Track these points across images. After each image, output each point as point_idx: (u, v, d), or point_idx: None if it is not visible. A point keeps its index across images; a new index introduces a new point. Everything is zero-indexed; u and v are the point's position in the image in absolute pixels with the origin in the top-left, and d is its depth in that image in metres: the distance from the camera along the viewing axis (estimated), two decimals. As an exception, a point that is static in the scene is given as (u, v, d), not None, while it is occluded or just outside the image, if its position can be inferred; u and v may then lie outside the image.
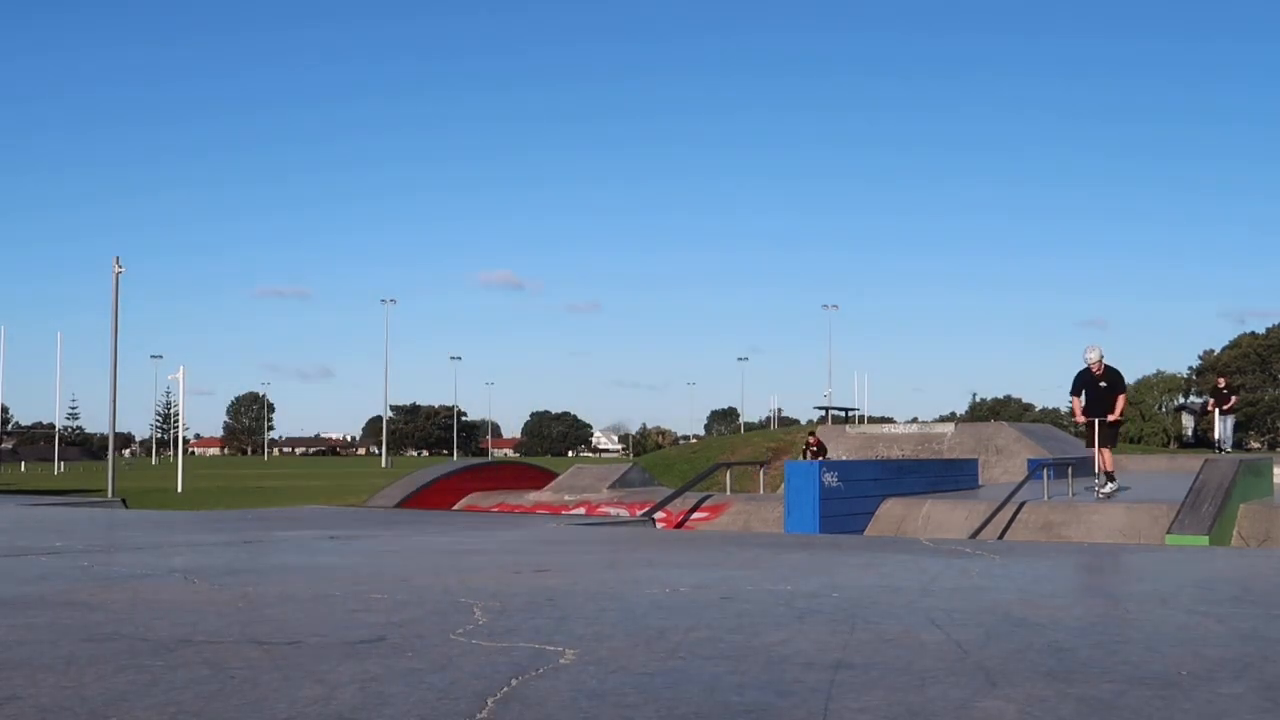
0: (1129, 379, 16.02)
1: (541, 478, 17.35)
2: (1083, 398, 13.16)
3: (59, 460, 68.67)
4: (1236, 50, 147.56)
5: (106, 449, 19.31)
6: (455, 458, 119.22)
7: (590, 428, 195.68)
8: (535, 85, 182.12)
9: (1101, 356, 13.37)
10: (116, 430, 19.39)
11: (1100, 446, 12.90)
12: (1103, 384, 13.04)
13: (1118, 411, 13.03)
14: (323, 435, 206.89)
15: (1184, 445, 24.90)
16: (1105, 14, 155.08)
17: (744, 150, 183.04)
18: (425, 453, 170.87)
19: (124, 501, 13.98)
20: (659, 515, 12.35)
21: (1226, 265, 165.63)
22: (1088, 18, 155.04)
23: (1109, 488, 12.54)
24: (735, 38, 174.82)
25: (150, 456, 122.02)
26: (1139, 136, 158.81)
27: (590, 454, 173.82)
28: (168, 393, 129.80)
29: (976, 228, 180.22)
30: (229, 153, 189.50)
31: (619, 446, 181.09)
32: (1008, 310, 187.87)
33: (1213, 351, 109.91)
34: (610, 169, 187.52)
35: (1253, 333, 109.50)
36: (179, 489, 32.11)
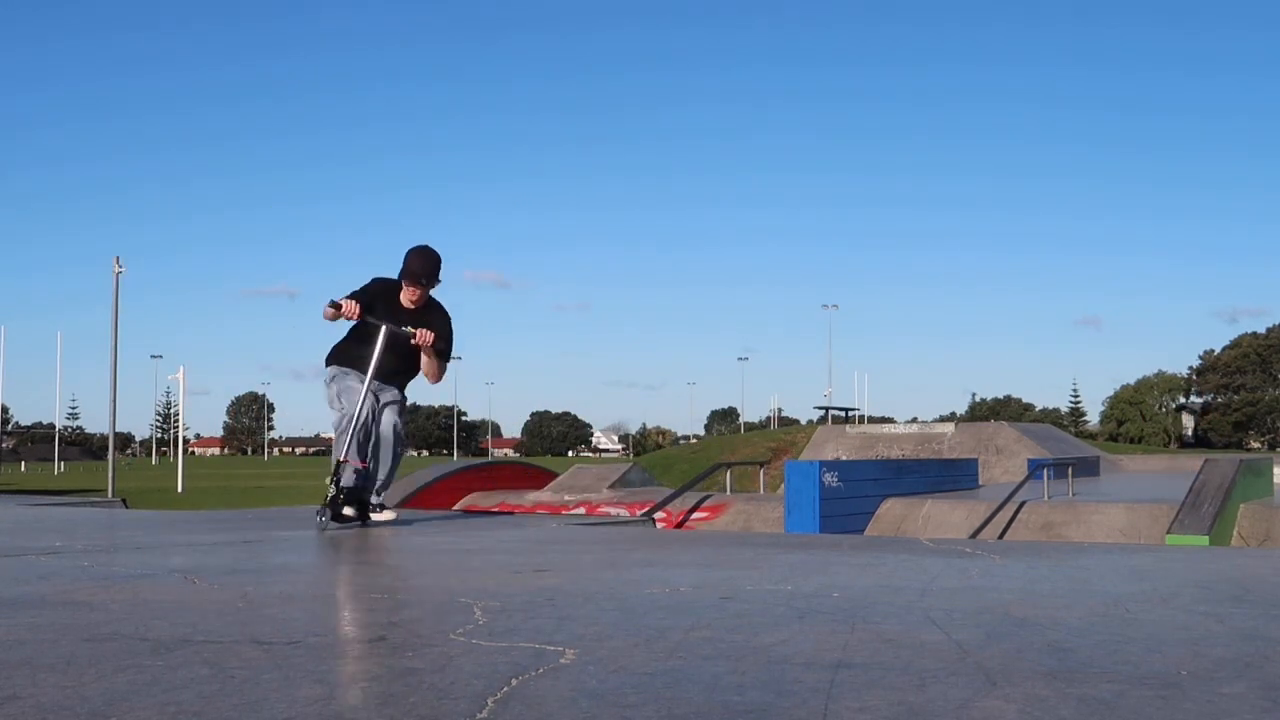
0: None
1: (542, 478, 17.35)
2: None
3: (59, 460, 68.74)
4: (1235, 44, 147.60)
5: (106, 449, 19.30)
6: (455, 458, 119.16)
7: (590, 428, 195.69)
8: (525, 82, 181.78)
9: None
10: (116, 430, 19.39)
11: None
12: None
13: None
14: (323, 435, 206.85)
15: (1184, 445, 24.93)
16: (1105, 8, 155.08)
17: (741, 148, 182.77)
18: (425, 452, 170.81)
19: (124, 501, 13.97)
20: (659, 515, 12.34)
21: (1222, 263, 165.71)
22: (1087, 11, 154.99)
23: None
24: (730, 31, 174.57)
25: (150, 456, 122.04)
26: (1138, 134, 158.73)
27: (590, 454, 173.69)
28: (168, 393, 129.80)
29: (976, 227, 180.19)
30: (228, 152, 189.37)
31: (619, 446, 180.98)
32: (1006, 310, 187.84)
33: (1213, 351, 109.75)
34: (605, 167, 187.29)
35: (1254, 333, 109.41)
36: (179, 489, 32.11)
